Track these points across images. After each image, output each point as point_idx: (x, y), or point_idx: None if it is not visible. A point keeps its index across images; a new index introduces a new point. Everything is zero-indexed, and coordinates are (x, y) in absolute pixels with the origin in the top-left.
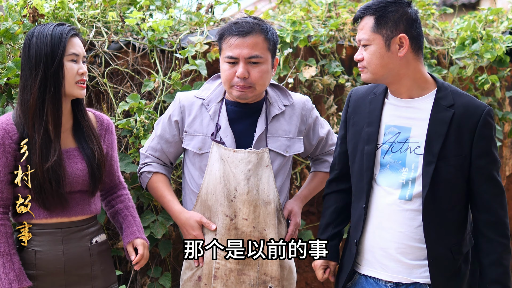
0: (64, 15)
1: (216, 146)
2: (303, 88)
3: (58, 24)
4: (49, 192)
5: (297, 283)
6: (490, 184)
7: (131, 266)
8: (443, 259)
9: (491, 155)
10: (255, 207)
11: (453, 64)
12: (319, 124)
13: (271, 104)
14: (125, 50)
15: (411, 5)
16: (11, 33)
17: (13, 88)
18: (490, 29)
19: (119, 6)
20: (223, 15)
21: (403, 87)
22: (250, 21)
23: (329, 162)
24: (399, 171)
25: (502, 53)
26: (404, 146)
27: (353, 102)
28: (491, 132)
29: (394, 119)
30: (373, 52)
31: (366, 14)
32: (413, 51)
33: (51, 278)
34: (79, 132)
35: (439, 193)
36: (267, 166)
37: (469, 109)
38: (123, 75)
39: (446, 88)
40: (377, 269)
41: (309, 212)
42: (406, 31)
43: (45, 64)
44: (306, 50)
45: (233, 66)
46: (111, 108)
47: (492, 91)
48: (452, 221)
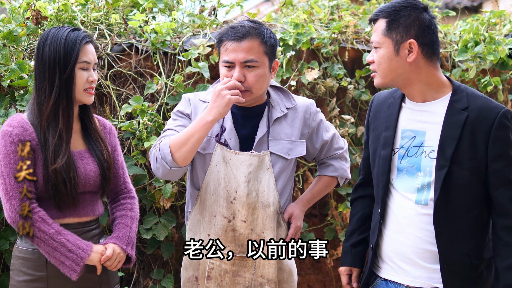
0: (67, 18)
1: (219, 147)
2: (306, 90)
3: (73, 29)
4: (63, 193)
5: (299, 285)
6: (507, 188)
7: (133, 268)
8: (459, 264)
9: (508, 158)
10: (253, 209)
11: (456, 67)
12: (323, 127)
13: (273, 107)
14: (128, 52)
15: (428, 10)
16: (14, 36)
17: (16, 90)
18: (492, 32)
19: (122, 8)
20: (226, 18)
21: (416, 91)
22: (246, 25)
23: (334, 166)
24: (415, 176)
25: (505, 55)
26: (420, 150)
27: (374, 107)
28: (507, 134)
29: (410, 123)
30: (382, 55)
31: (380, 17)
32: (425, 57)
33: (61, 280)
34: (87, 134)
35: (452, 197)
36: (268, 169)
37: (483, 112)
38: (126, 78)
39: (462, 90)
40: (398, 273)
41: (312, 214)
42: (417, 37)
43: (59, 71)
44: (308, 52)
45: (230, 70)
46: (114, 110)
47: (494, 93)
48: (468, 225)
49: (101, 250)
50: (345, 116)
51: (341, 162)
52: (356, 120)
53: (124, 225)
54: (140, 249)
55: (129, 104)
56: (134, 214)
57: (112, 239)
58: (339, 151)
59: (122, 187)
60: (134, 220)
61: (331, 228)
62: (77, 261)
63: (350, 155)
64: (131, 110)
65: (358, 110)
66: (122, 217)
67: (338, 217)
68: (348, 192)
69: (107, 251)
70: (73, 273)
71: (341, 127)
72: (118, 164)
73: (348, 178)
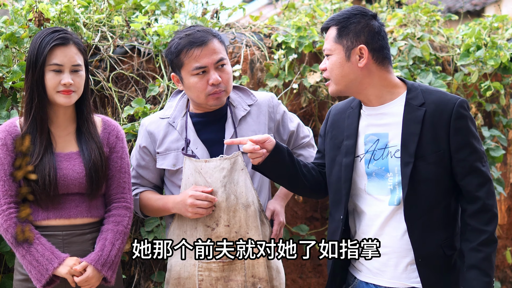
0: (70, 20)
1: (188, 160)
2: (308, 93)
3: (54, 30)
4: (38, 191)
5: None
6: (474, 175)
7: (134, 270)
8: (434, 257)
9: (470, 146)
10: (234, 212)
11: (458, 71)
12: (288, 118)
13: (235, 107)
14: (130, 54)
15: (377, 18)
16: (17, 37)
17: (18, 92)
18: (495, 36)
19: (125, 10)
20: (228, 20)
21: (371, 95)
22: (200, 30)
23: (303, 156)
24: (385, 177)
25: (506, 60)
26: (385, 152)
27: (332, 117)
28: (466, 123)
29: (371, 128)
30: (334, 62)
31: (331, 25)
32: (376, 62)
33: None
34: (81, 136)
35: (420, 192)
36: (242, 170)
37: (440, 105)
38: (128, 80)
39: (416, 88)
40: (376, 275)
41: (313, 217)
42: (367, 42)
43: (31, 72)
44: (311, 55)
45: (203, 76)
46: (116, 112)
47: (496, 98)
48: (439, 218)
49: (72, 264)
50: None
51: (309, 150)
52: None
53: (105, 243)
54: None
55: (131, 106)
56: (120, 229)
57: (89, 258)
58: (306, 139)
59: (116, 192)
60: (119, 235)
61: None
62: (43, 272)
63: None
64: (133, 113)
65: None
66: (106, 232)
67: None
68: None
69: (86, 272)
70: (38, 283)
71: None
72: (116, 167)
73: None
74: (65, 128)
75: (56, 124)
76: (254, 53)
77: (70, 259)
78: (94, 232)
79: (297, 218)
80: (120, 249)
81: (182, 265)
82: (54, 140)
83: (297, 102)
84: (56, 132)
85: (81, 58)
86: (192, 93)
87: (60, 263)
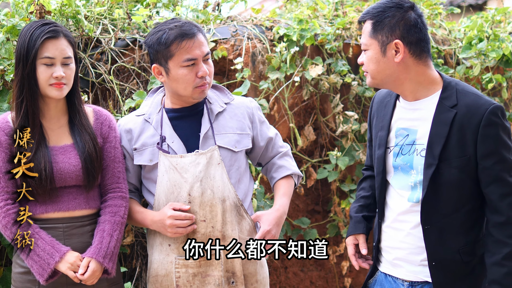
0: (71, 12)
1: (163, 156)
2: (309, 86)
3: (43, 24)
4: (34, 186)
5: (302, 282)
6: (497, 185)
7: (136, 263)
8: (448, 261)
9: (498, 155)
10: (211, 206)
11: (460, 64)
12: (266, 125)
13: (212, 104)
14: (132, 47)
15: (414, 8)
16: (18, 30)
17: None
18: (497, 29)
19: (126, 3)
20: (230, 13)
21: (406, 90)
22: (187, 22)
23: (285, 166)
24: (409, 174)
25: (508, 53)
26: (412, 148)
27: (375, 105)
28: (496, 131)
29: (403, 122)
30: (370, 57)
31: (366, 19)
32: (413, 56)
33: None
34: (74, 128)
35: (441, 195)
36: (219, 164)
37: (471, 109)
38: (129, 72)
39: (453, 87)
40: (395, 267)
41: (314, 211)
42: (403, 36)
43: (22, 66)
44: (312, 48)
45: (192, 68)
46: (117, 105)
47: (499, 91)
48: (459, 223)
49: (72, 260)
50: (348, 113)
51: (288, 160)
52: (359, 117)
53: (103, 234)
54: (143, 244)
55: (133, 99)
56: (118, 220)
57: (89, 252)
58: (285, 148)
59: (111, 182)
60: (117, 226)
61: (334, 224)
62: (44, 267)
63: (353, 151)
64: (134, 105)
65: (361, 107)
66: (104, 224)
67: (341, 214)
68: (351, 188)
69: (90, 267)
70: (41, 278)
71: (345, 124)
72: (110, 157)
73: (300, 175)
74: (57, 121)
75: (48, 117)
76: (256, 46)
77: (70, 255)
78: (93, 223)
79: (299, 211)
80: (118, 240)
81: (159, 263)
82: (46, 134)
83: (298, 95)
84: (48, 126)
85: (71, 50)
86: (179, 85)
87: (61, 256)
